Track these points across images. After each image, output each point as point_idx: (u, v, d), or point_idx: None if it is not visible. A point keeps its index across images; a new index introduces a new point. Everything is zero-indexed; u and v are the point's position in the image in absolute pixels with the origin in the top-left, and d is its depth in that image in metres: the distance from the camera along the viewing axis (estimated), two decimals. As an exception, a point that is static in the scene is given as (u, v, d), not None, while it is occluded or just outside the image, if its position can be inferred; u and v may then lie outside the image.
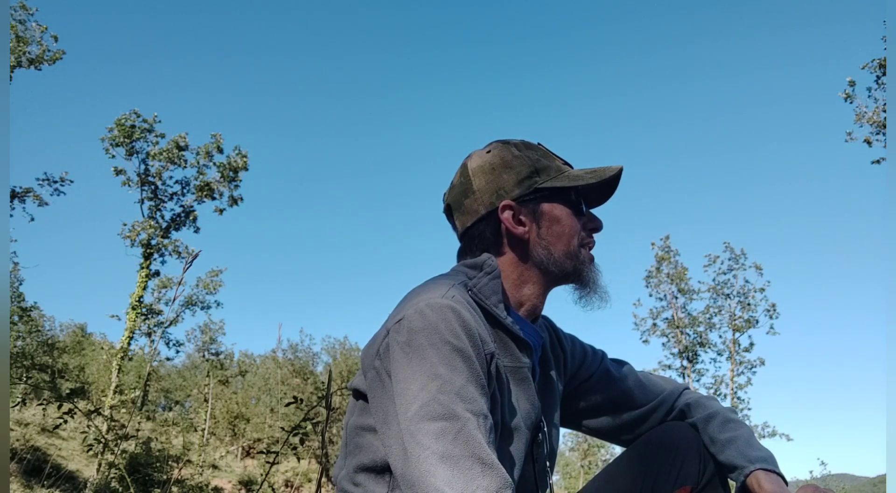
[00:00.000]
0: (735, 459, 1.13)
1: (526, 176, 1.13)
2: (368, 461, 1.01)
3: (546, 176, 1.13)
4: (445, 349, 0.92)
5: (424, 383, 0.89)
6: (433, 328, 0.93)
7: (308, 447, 20.97)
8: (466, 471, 0.83)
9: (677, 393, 1.29)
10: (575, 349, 1.28)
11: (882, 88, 15.63)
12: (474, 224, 1.14)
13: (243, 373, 30.12)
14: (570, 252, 1.12)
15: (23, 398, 14.74)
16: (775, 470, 1.11)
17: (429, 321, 0.94)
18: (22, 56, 16.16)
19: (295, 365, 29.37)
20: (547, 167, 1.14)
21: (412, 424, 0.87)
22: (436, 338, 0.92)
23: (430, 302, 0.96)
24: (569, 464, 46.03)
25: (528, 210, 1.12)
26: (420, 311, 0.95)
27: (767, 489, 1.08)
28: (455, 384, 0.89)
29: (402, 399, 0.90)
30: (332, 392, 2.82)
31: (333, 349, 29.62)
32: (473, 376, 0.92)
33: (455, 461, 0.83)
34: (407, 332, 0.94)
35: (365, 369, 1.03)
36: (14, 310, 18.34)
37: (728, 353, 25.29)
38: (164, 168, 19.87)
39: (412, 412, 0.88)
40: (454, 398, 0.88)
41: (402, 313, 0.98)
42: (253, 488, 16.58)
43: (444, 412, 0.87)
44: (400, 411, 0.90)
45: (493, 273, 1.07)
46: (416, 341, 0.93)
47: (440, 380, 0.89)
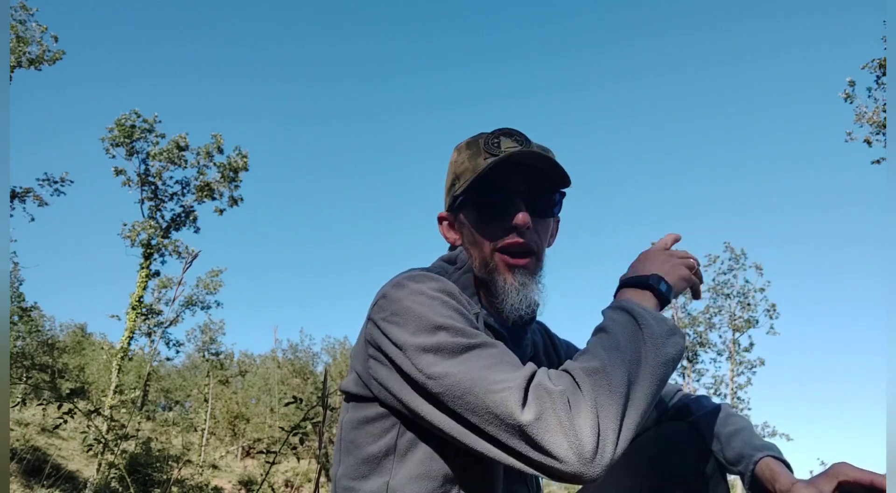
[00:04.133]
0: (742, 449, 1.12)
1: (450, 184, 1.14)
2: (363, 455, 1.01)
3: (462, 181, 1.09)
4: (436, 303, 0.94)
5: (428, 337, 0.90)
6: (416, 291, 0.95)
7: (308, 447, 20.99)
8: (508, 367, 0.86)
9: (672, 393, 1.30)
10: (570, 353, 1.29)
11: (882, 87, 15.64)
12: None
13: (243, 373, 30.18)
14: (483, 260, 1.08)
15: (23, 398, 14.73)
16: (783, 458, 1.11)
17: (409, 288, 0.96)
18: (22, 56, 16.17)
19: (295, 365, 29.42)
20: (465, 170, 1.09)
21: (433, 378, 0.88)
22: (422, 297, 0.94)
23: (407, 275, 1.00)
24: (569, 464, 46.06)
25: (455, 219, 1.15)
26: (397, 283, 0.98)
27: (780, 472, 1.08)
28: (457, 328, 0.91)
29: (411, 363, 0.90)
30: (330, 392, 2.83)
31: (333, 349, 29.70)
32: (469, 322, 0.95)
33: (491, 367, 0.86)
34: (390, 303, 0.96)
35: (354, 366, 1.04)
36: (14, 310, 18.35)
37: (728, 353, 25.32)
38: (164, 168, 19.89)
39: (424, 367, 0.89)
40: (462, 337, 0.90)
41: (379, 294, 1.00)
42: (253, 488, 16.58)
43: (461, 346, 0.89)
44: (414, 374, 0.90)
45: (464, 267, 1.10)
46: (403, 307, 0.94)
47: (443, 330, 0.90)
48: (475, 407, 0.84)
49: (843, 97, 16.49)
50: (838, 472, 1.00)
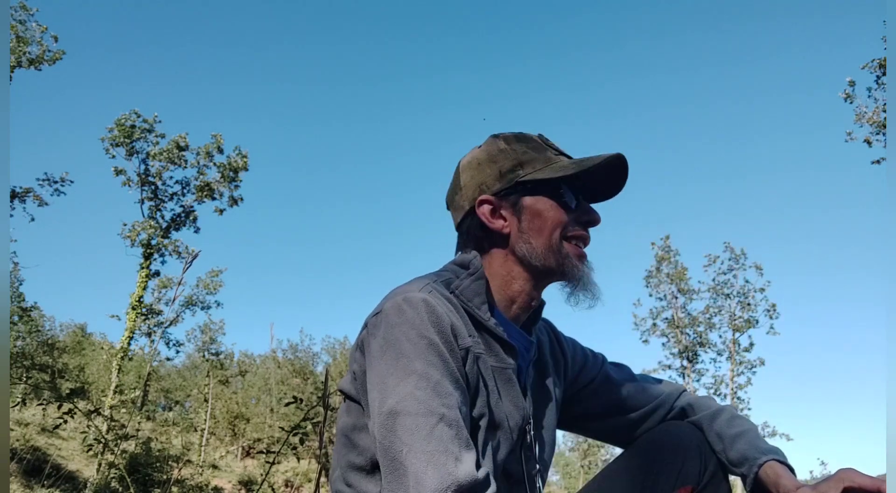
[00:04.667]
0: (746, 451, 1.12)
1: (508, 169, 1.11)
2: (359, 460, 1.01)
3: (530, 168, 1.11)
4: (422, 344, 0.93)
5: (401, 378, 0.90)
6: (409, 323, 0.94)
7: (308, 447, 20.97)
8: (441, 467, 0.83)
9: (676, 394, 1.29)
10: (576, 354, 1.28)
11: (882, 87, 15.64)
12: (462, 220, 1.14)
13: (243, 373, 30.14)
14: (552, 246, 1.09)
15: (23, 398, 14.73)
16: (787, 463, 1.10)
17: (406, 317, 0.95)
18: (22, 56, 16.17)
19: (295, 365, 29.38)
20: (533, 160, 1.11)
21: (388, 418, 0.88)
22: (412, 333, 0.93)
23: (407, 297, 0.97)
24: (569, 464, 46.06)
25: (508, 204, 1.11)
26: (397, 305, 0.96)
27: (784, 476, 1.07)
28: (431, 380, 0.90)
29: (379, 393, 0.91)
30: (330, 392, 2.82)
31: (333, 349, 29.65)
32: (448, 371, 0.93)
33: (430, 456, 0.84)
34: (384, 326, 0.96)
35: (352, 366, 1.04)
36: (14, 310, 18.35)
37: (728, 353, 25.29)
38: (164, 168, 19.88)
39: (388, 406, 0.89)
40: (431, 394, 0.89)
41: (380, 307, 0.99)
42: (253, 488, 16.58)
43: (421, 408, 0.87)
44: (375, 404, 0.91)
45: (476, 274, 1.07)
46: (393, 336, 0.94)
47: (416, 376, 0.90)
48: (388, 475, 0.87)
49: (843, 97, 16.47)
50: (843, 478, 0.99)
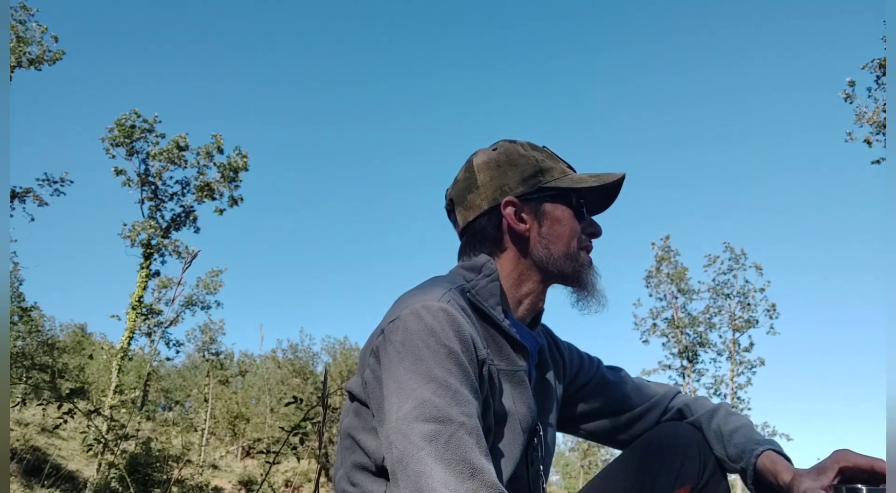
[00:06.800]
0: (744, 444, 1.13)
1: (530, 175, 1.14)
2: (364, 460, 1.01)
3: (550, 177, 1.15)
4: (441, 352, 0.92)
5: (419, 384, 0.90)
6: (429, 330, 0.93)
7: (308, 447, 20.99)
8: (457, 475, 0.83)
9: (671, 395, 1.30)
10: (573, 357, 1.30)
11: (882, 87, 15.65)
12: (476, 219, 1.14)
13: (243, 373, 30.17)
14: (570, 253, 1.13)
15: (23, 398, 14.75)
16: (783, 453, 1.12)
17: (425, 323, 0.94)
18: (22, 56, 16.19)
19: (295, 365, 29.40)
20: (551, 168, 1.16)
21: (405, 423, 0.87)
22: (431, 340, 0.93)
23: (426, 304, 0.96)
24: (569, 464, 46.13)
25: (530, 208, 1.13)
26: (416, 312, 0.95)
27: (781, 463, 1.08)
28: (450, 388, 0.90)
29: (396, 398, 0.91)
30: (330, 392, 2.82)
31: (333, 349, 29.66)
32: (467, 380, 0.93)
33: (447, 464, 0.84)
34: (402, 332, 0.95)
35: (361, 370, 1.03)
36: (14, 310, 18.36)
37: (728, 353, 25.32)
38: (164, 168, 19.91)
39: (405, 411, 0.88)
40: (449, 402, 0.88)
41: (397, 312, 0.98)
42: (253, 488, 16.59)
43: (439, 415, 0.87)
44: (393, 408, 0.90)
45: (491, 276, 1.08)
46: (412, 342, 0.93)
47: (436, 383, 0.89)
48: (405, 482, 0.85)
49: (843, 97, 16.49)
50: (839, 458, 1.02)
